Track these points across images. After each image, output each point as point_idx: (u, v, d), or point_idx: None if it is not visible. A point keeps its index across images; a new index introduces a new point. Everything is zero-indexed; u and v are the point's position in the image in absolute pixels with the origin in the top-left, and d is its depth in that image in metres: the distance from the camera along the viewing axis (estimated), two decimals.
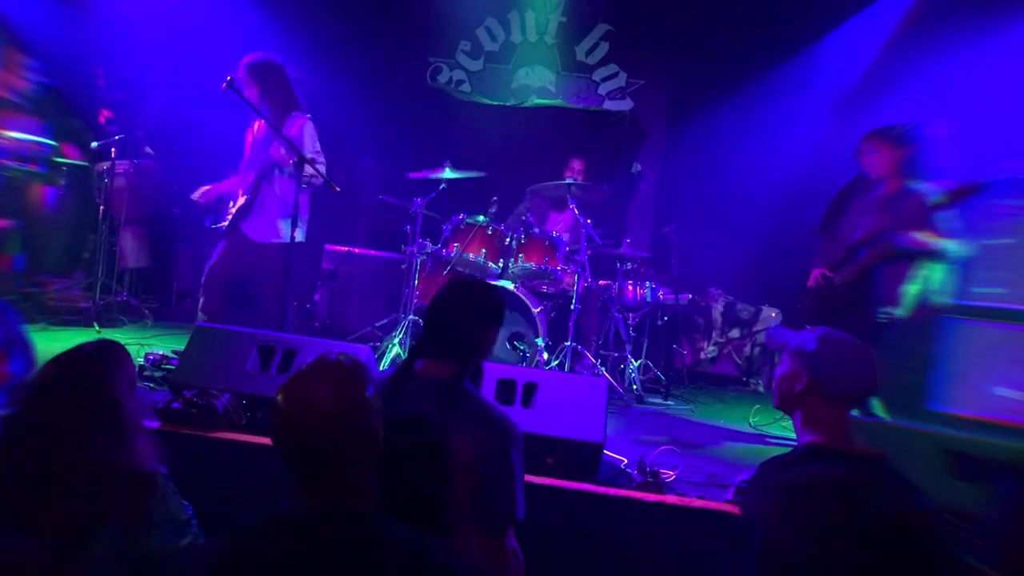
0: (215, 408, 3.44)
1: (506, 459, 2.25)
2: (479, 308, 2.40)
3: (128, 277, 6.81)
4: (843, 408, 2.15)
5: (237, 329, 4.02)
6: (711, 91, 7.20)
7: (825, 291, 4.65)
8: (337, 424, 1.59)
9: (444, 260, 5.72)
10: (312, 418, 1.58)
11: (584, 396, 3.64)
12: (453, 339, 2.36)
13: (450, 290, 2.45)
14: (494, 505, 2.20)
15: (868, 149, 4.57)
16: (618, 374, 5.92)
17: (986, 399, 5.57)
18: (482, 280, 2.83)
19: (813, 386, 2.14)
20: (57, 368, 1.99)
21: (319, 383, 1.62)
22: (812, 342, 2.18)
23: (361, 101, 7.18)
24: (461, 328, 2.36)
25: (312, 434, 1.58)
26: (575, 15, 7.76)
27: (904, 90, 6.27)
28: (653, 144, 7.83)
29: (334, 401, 1.60)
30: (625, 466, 3.70)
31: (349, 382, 1.65)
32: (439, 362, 2.34)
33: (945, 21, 6.21)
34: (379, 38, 7.68)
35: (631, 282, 6.10)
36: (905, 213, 4.35)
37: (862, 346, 2.22)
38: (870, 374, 2.15)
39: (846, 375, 2.13)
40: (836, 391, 2.12)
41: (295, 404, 1.60)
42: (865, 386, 2.15)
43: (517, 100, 7.86)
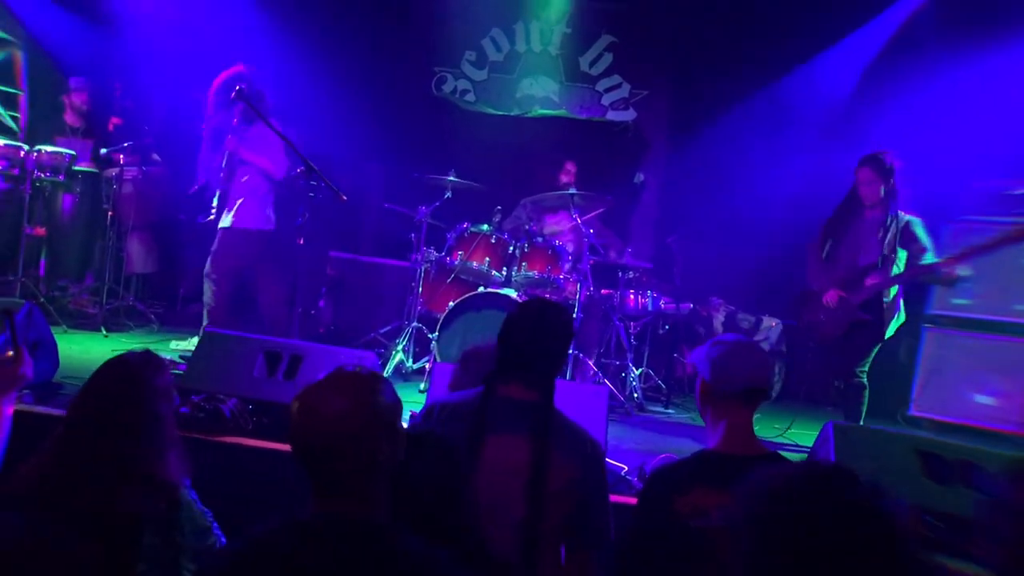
0: (222, 413, 3.49)
1: (602, 478, 2.31)
2: (559, 330, 2.39)
3: (135, 282, 6.88)
4: (738, 409, 2.22)
5: (244, 335, 4.09)
6: (713, 102, 7.26)
7: (840, 311, 4.74)
8: (350, 432, 1.61)
9: (448, 268, 5.79)
10: (325, 426, 1.60)
11: (585, 404, 3.69)
12: (537, 362, 2.33)
13: (528, 312, 2.41)
14: (592, 524, 2.25)
15: (864, 178, 4.75)
16: (619, 382, 5.97)
17: (963, 405, 5.71)
18: (555, 302, 2.86)
19: (707, 387, 2.25)
20: (104, 377, 2.13)
21: (334, 392, 1.64)
22: (704, 348, 2.29)
23: (367, 110, 7.25)
24: (545, 351, 2.34)
25: (325, 442, 1.60)
26: (579, 26, 7.83)
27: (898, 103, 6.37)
28: (655, 154, 7.88)
29: (349, 410, 1.61)
30: (625, 473, 3.75)
31: (365, 391, 1.66)
32: (520, 385, 2.30)
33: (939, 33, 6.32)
34: (385, 48, 7.75)
35: (633, 291, 6.15)
36: (901, 241, 4.60)
37: (751, 347, 2.32)
38: (758, 373, 2.23)
39: (732, 374, 2.21)
40: (725, 389, 2.21)
41: (308, 412, 1.63)
42: (751, 384, 2.22)
43: (521, 110, 7.93)
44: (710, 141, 7.02)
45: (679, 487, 2.12)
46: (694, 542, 2.04)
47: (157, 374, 2.17)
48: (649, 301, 6.11)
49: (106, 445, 2.02)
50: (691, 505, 2.08)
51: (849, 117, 6.73)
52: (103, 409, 2.07)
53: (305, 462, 1.63)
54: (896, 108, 6.36)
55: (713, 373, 2.23)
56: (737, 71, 7.19)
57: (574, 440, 2.27)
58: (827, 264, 4.89)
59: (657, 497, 2.16)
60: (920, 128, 6.13)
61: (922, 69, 6.33)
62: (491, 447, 2.20)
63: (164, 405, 2.16)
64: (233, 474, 3.36)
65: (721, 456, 2.20)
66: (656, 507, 2.14)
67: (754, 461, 2.14)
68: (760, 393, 2.25)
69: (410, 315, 5.88)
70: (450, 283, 5.84)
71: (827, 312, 4.81)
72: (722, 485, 2.05)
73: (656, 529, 2.13)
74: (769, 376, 2.26)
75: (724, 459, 2.18)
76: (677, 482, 2.15)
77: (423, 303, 5.89)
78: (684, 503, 2.09)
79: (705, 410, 2.29)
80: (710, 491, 2.07)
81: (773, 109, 6.94)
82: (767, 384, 2.26)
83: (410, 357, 5.74)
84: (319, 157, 4.89)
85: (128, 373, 2.13)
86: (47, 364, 4.18)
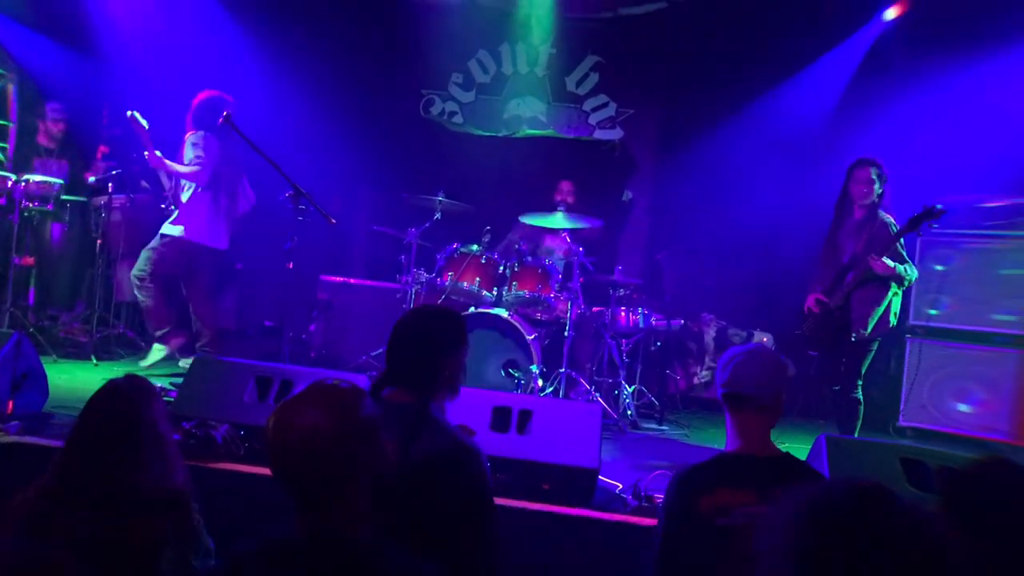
0: (214, 439, 3.48)
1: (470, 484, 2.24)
2: (440, 337, 2.37)
3: (125, 310, 6.84)
4: (752, 414, 2.29)
5: (235, 360, 4.08)
6: (700, 119, 7.32)
7: (822, 315, 4.77)
8: (326, 444, 1.59)
9: (439, 289, 5.79)
10: (300, 441, 1.59)
11: (579, 422, 3.70)
12: (412, 365, 2.33)
13: (412, 318, 2.44)
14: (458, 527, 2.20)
15: (862, 176, 4.79)
16: (612, 400, 5.96)
17: (947, 414, 5.79)
18: (445, 307, 2.87)
19: (723, 393, 2.35)
20: (101, 403, 2.14)
21: (309, 407, 1.63)
22: (723, 357, 2.39)
23: (355, 133, 7.28)
24: (421, 355, 2.34)
25: (301, 455, 1.59)
26: (565, 47, 7.89)
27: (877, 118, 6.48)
28: (644, 172, 7.93)
29: (323, 424, 1.60)
30: (620, 491, 3.74)
31: (340, 405, 1.64)
32: (400, 388, 2.32)
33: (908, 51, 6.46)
34: (372, 72, 7.79)
35: (624, 308, 6.15)
36: (875, 239, 4.65)
37: (764, 354, 2.40)
38: (758, 378, 2.29)
39: (733, 379, 2.31)
40: (722, 391, 2.32)
41: (283, 426, 1.61)
42: (737, 389, 2.30)
43: (509, 131, 7.97)
44: (697, 158, 7.07)
45: (702, 488, 2.19)
46: (719, 541, 2.11)
47: (151, 397, 2.20)
48: (640, 318, 6.12)
49: (109, 470, 2.03)
50: (714, 505, 2.16)
51: (833, 132, 6.80)
52: (103, 435, 2.08)
53: (283, 478, 1.62)
54: (875, 123, 6.46)
55: (726, 379, 2.33)
56: (722, 89, 7.26)
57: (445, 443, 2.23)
58: (823, 270, 4.94)
59: (682, 499, 2.23)
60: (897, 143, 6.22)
61: (895, 86, 6.47)
62: None
63: (163, 425, 2.19)
64: (226, 501, 3.33)
65: (739, 457, 2.29)
66: (681, 509, 2.22)
67: (771, 462, 2.26)
68: (745, 399, 2.29)
69: None
70: (441, 304, 5.84)
71: (812, 317, 4.85)
72: (742, 484, 2.17)
73: (684, 530, 2.20)
74: (753, 382, 2.28)
75: (742, 460, 2.27)
76: (700, 484, 2.22)
77: None
78: (707, 503, 2.16)
79: (727, 414, 2.38)
80: (732, 491, 2.16)
81: (759, 126, 7.00)
82: (748, 391, 2.28)
83: None
84: (308, 181, 4.91)
85: (124, 397, 2.14)
86: (36, 395, 4.16)
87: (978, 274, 5.81)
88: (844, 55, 7.02)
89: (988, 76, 5.90)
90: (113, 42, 6.94)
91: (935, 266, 5.92)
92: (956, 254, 5.87)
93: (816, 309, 4.82)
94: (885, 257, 4.58)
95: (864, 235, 4.72)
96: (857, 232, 4.77)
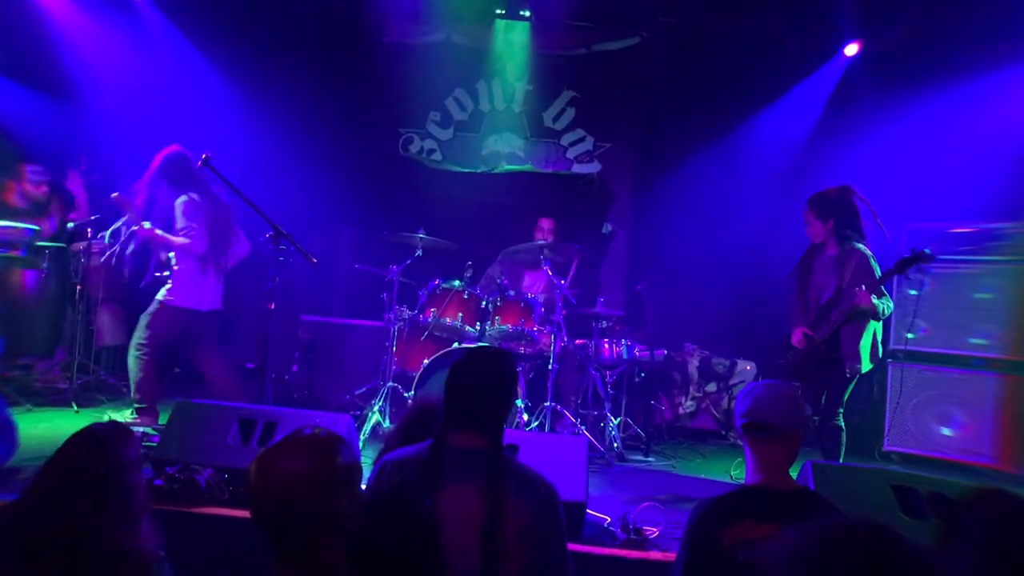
0: (197, 483, 3.44)
1: (558, 522, 2.28)
2: (504, 375, 2.40)
3: (105, 355, 6.78)
4: (772, 447, 2.31)
5: (217, 403, 4.04)
6: (676, 151, 7.43)
7: (808, 350, 4.80)
8: (308, 492, 1.60)
9: (421, 325, 5.78)
10: (281, 489, 1.60)
11: (565, 455, 3.68)
12: (485, 409, 2.32)
13: (474, 360, 2.42)
14: (552, 567, 2.23)
15: (806, 219, 4.91)
16: (598, 432, 5.95)
17: (930, 438, 5.84)
18: (499, 348, 2.85)
19: (745, 423, 2.35)
20: (72, 450, 2.03)
21: (290, 454, 1.65)
22: (745, 388, 2.41)
23: (335, 172, 7.32)
24: (493, 397, 2.34)
25: (283, 502, 1.60)
26: (541, 83, 8.00)
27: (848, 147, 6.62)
28: (622, 204, 8.01)
29: (307, 470, 1.61)
30: (608, 524, 3.73)
31: (323, 452, 1.66)
32: (469, 433, 2.29)
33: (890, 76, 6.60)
34: (351, 111, 7.86)
35: (607, 340, 6.17)
36: (851, 274, 4.68)
37: (784, 388, 2.42)
38: (757, 409, 2.33)
39: (739, 410, 2.35)
40: (760, 423, 2.31)
41: (264, 475, 1.63)
42: (752, 419, 2.32)
43: (488, 167, 8.04)
44: (675, 189, 7.16)
45: (726, 520, 2.19)
46: (741, 574, 2.10)
47: (124, 445, 2.09)
48: (624, 349, 6.13)
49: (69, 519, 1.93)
50: (737, 537, 2.15)
51: (807, 162, 6.92)
52: (67, 483, 1.98)
53: (264, 524, 1.62)
54: (848, 153, 6.60)
55: (748, 411, 2.35)
56: (697, 121, 7.39)
57: (528, 485, 2.26)
58: (800, 305, 4.97)
59: (703, 531, 2.22)
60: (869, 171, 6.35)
61: (865, 117, 6.64)
62: (445, 498, 2.18)
63: (134, 476, 2.08)
64: (210, 545, 3.29)
65: (761, 490, 2.29)
66: (703, 541, 2.21)
67: (792, 495, 2.27)
68: (764, 428, 2.31)
69: (385, 375, 5.84)
70: (424, 340, 5.83)
71: (797, 353, 4.89)
72: (765, 518, 2.16)
73: (705, 564, 2.19)
74: (774, 413, 2.31)
75: (765, 492, 2.27)
76: (723, 515, 2.21)
77: (398, 362, 5.87)
78: (731, 536, 2.16)
79: (746, 447, 2.39)
80: (755, 524, 2.16)
81: (734, 157, 7.12)
82: (768, 420, 2.30)
83: (387, 418, 5.70)
84: (288, 221, 4.91)
85: (94, 444, 2.05)
86: (3, 447, 4.03)
87: (952, 298, 5.92)
88: (814, 87, 7.20)
89: (953, 106, 6.05)
90: (88, 87, 6.94)
91: (909, 291, 6.02)
92: (929, 279, 5.96)
93: (803, 343, 4.86)
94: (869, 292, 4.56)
95: (846, 270, 4.73)
96: (837, 267, 4.78)
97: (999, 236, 5.81)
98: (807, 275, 4.95)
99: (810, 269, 4.94)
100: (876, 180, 6.15)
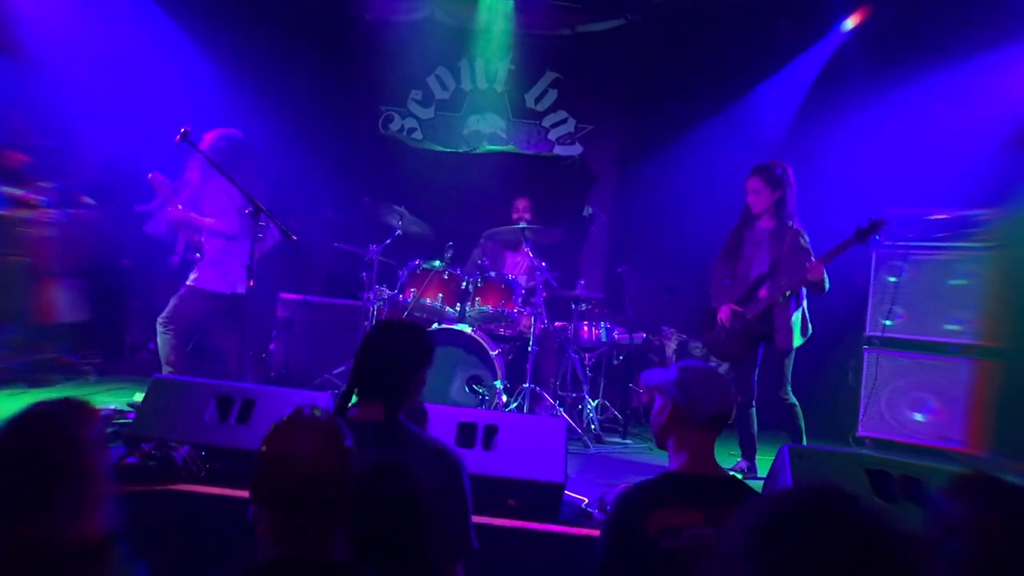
0: (174, 460, 3.41)
1: (459, 490, 2.28)
2: (402, 349, 2.42)
3: (63, 332, 6.29)
4: (706, 433, 2.28)
5: (195, 380, 4.00)
6: (658, 134, 7.42)
7: (739, 327, 4.80)
8: (324, 475, 1.60)
9: (401, 305, 5.76)
10: (301, 469, 1.59)
11: (544, 437, 3.69)
12: (380, 380, 2.37)
13: (374, 332, 2.48)
14: (450, 535, 2.21)
15: (752, 187, 4.86)
16: (576, 414, 5.97)
17: (903, 423, 5.92)
18: (411, 322, 2.87)
19: (677, 414, 2.28)
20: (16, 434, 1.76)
21: (305, 435, 1.63)
22: (673, 373, 2.32)
23: (314, 150, 7.22)
24: (387, 369, 2.38)
25: (299, 485, 1.58)
26: (523, 63, 7.94)
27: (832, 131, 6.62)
28: (603, 187, 8.00)
29: (321, 452, 1.61)
30: (586, 505, 3.74)
31: (332, 433, 1.66)
32: (367, 405, 2.34)
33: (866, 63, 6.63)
34: (331, 88, 7.75)
35: (587, 323, 6.18)
36: (787, 250, 4.72)
37: (716, 374, 2.40)
38: (725, 398, 2.30)
39: (703, 400, 2.26)
40: (696, 416, 2.25)
41: (283, 455, 1.61)
42: (721, 410, 2.28)
43: (469, 147, 7.99)
44: (657, 172, 7.15)
45: (648, 508, 2.13)
46: (666, 562, 2.05)
47: (82, 424, 1.81)
48: (603, 332, 6.15)
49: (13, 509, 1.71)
50: (661, 525, 2.09)
51: (791, 145, 6.92)
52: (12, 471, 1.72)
53: (276, 506, 1.60)
54: (832, 136, 6.61)
55: (684, 400, 2.26)
56: (681, 104, 7.38)
57: (428, 454, 2.28)
58: (727, 280, 4.96)
59: (627, 519, 2.15)
60: (852, 156, 6.37)
61: (850, 101, 6.63)
62: None
63: (94, 457, 1.81)
64: (187, 522, 3.27)
65: (687, 477, 2.23)
66: (627, 529, 2.14)
67: (717, 482, 2.23)
68: (725, 419, 2.30)
69: None
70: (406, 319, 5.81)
71: (725, 330, 4.87)
72: (690, 504, 2.11)
73: (629, 552, 2.12)
74: (732, 401, 2.31)
75: (690, 479, 2.22)
76: (646, 503, 2.15)
77: None
78: (654, 523, 2.09)
79: (668, 432, 2.30)
80: (679, 511, 2.10)
81: (717, 139, 7.10)
82: (731, 410, 2.30)
83: None
84: (265, 197, 4.85)
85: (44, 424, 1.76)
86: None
87: (928, 285, 5.96)
88: (800, 69, 7.17)
89: (937, 91, 6.07)
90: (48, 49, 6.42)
91: (888, 277, 6.07)
92: (907, 266, 6.01)
93: (730, 321, 4.84)
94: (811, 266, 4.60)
95: (783, 244, 4.75)
96: (772, 240, 4.80)
97: (974, 223, 5.87)
98: (738, 249, 4.95)
99: (740, 242, 4.94)
100: (860, 164, 6.19)
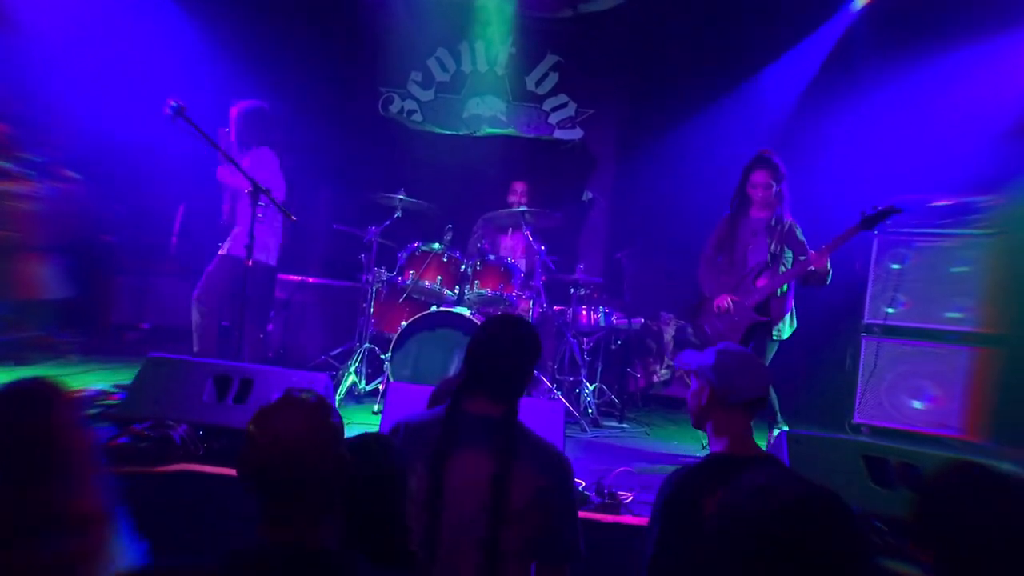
0: (171, 439, 3.40)
1: (569, 490, 2.29)
2: (529, 345, 2.38)
3: (46, 310, 6.07)
4: (743, 416, 2.32)
5: (191, 359, 3.99)
6: (659, 119, 7.37)
7: (736, 315, 4.80)
8: (310, 455, 1.58)
9: (400, 288, 5.75)
10: (286, 449, 1.57)
11: (543, 420, 3.70)
12: (505, 377, 2.32)
13: (497, 328, 2.40)
14: (562, 538, 2.23)
15: (759, 180, 4.83)
16: (574, 398, 5.98)
17: (901, 411, 5.92)
18: (523, 317, 2.84)
19: (715, 397, 2.32)
20: None
21: (291, 414, 1.62)
22: (711, 357, 2.35)
23: (314, 131, 7.18)
24: (514, 366, 2.33)
25: (285, 466, 1.57)
26: (525, 46, 7.89)
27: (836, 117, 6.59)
28: (603, 171, 7.97)
29: (307, 432, 1.59)
30: (583, 488, 3.74)
31: (319, 413, 1.65)
32: (485, 400, 2.29)
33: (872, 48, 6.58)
34: (331, 69, 7.69)
35: (585, 307, 6.18)
36: (786, 241, 4.75)
37: (753, 356, 2.43)
38: (762, 382, 2.35)
39: (742, 383, 2.31)
40: (735, 399, 2.30)
41: (269, 436, 1.59)
42: (759, 394, 2.34)
43: (469, 130, 7.95)
44: (657, 157, 7.12)
45: (703, 490, 2.17)
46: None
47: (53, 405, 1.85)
48: (601, 317, 6.15)
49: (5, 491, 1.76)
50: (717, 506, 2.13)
51: (793, 131, 6.88)
52: None
53: (263, 488, 1.59)
54: (836, 122, 6.57)
55: (722, 384, 2.30)
56: (682, 88, 7.32)
57: (539, 454, 2.26)
58: (721, 269, 4.95)
59: (683, 503, 2.20)
60: (855, 141, 6.33)
61: (855, 86, 6.58)
62: (456, 463, 2.18)
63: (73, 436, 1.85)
64: (185, 501, 3.27)
65: (732, 458, 2.27)
66: (684, 512, 2.18)
67: (758, 461, 2.26)
68: (763, 402, 2.36)
69: (362, 336, 5.81)
70: (402, 303, 5.80)
71: (722, 318, 4.87)
72: None
73: (687, 534, 2.16)
74: (768, 385, 2.40)
75: (736, 461, 2.26)
76: (701, 486, 2.19)
77: (375, 324, 5.84)
78: (711, 505, 2.12)
79: (707, 416, 2.36)
80: None
81: (720, 124, 7.06)
82: (767, 393, 2.37)
83: (363, 379, 5.68)
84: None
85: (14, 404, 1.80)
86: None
87: (930, 272, 5.93)
88: (807, 52, 7.11)
89: (941, 76, 6.04)
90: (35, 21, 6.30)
91: (891, 264, 6.04)
92: (911, 253, 5.98)
93: (729, 308, 4.83)
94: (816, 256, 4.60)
95: (780, 234, 4.77)
96: (768, 231, 4.81)
97: (976, 209, 5.84)
98: (732, 238, 4.94)
99: (735, 231, 4.93)
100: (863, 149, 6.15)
